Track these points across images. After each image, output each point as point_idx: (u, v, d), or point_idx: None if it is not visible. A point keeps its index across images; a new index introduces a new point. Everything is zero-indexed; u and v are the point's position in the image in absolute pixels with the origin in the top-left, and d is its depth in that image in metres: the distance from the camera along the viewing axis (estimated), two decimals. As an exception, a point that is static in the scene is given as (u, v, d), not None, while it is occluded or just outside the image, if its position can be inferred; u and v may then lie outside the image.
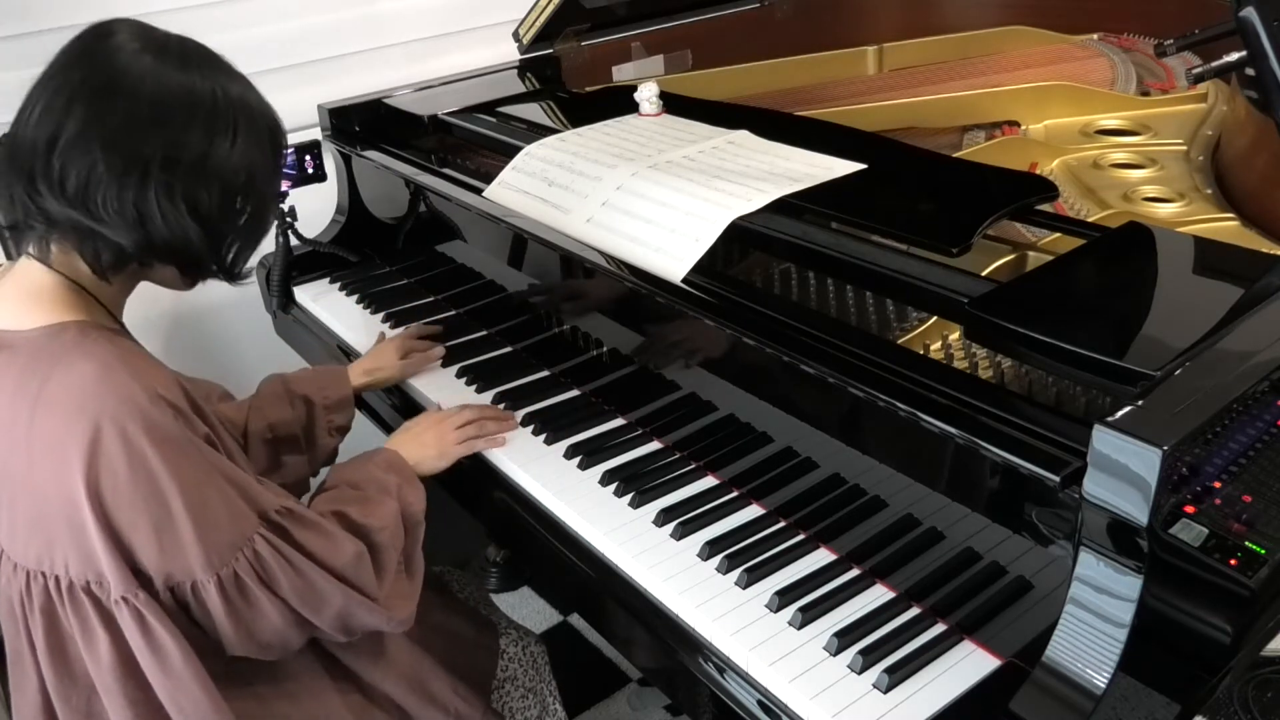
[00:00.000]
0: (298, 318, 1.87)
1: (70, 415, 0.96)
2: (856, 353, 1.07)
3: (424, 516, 1.23)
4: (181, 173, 1.00)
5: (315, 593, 1.06)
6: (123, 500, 0.97)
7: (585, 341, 1.47)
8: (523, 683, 1.40)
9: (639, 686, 2.03)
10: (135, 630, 1.01)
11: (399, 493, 1.21)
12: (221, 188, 1.03)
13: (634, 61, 2.12)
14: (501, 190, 1.53)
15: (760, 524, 1.19)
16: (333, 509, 1.14)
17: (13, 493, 1.02)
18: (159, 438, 0.97)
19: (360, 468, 1.25)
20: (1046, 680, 0.88)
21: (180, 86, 1.00)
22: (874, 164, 1.36)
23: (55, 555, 1.01)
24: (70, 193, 0.98)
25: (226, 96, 1.02)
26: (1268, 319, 0.97)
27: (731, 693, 1.02)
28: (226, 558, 1.01)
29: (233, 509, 1.02)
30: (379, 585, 1.11)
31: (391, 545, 1.15)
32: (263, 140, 1.06)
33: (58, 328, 1.01)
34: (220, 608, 1.02)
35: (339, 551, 1.08)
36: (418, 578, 1.19)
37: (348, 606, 1.08)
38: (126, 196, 0.98)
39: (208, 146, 1.01)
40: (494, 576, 2.35)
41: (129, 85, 0.98)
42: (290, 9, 2.21)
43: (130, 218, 0.99)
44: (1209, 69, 1.23)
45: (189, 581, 1.01)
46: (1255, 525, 0.84)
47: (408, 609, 1.15)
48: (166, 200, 1.00)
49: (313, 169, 1.77)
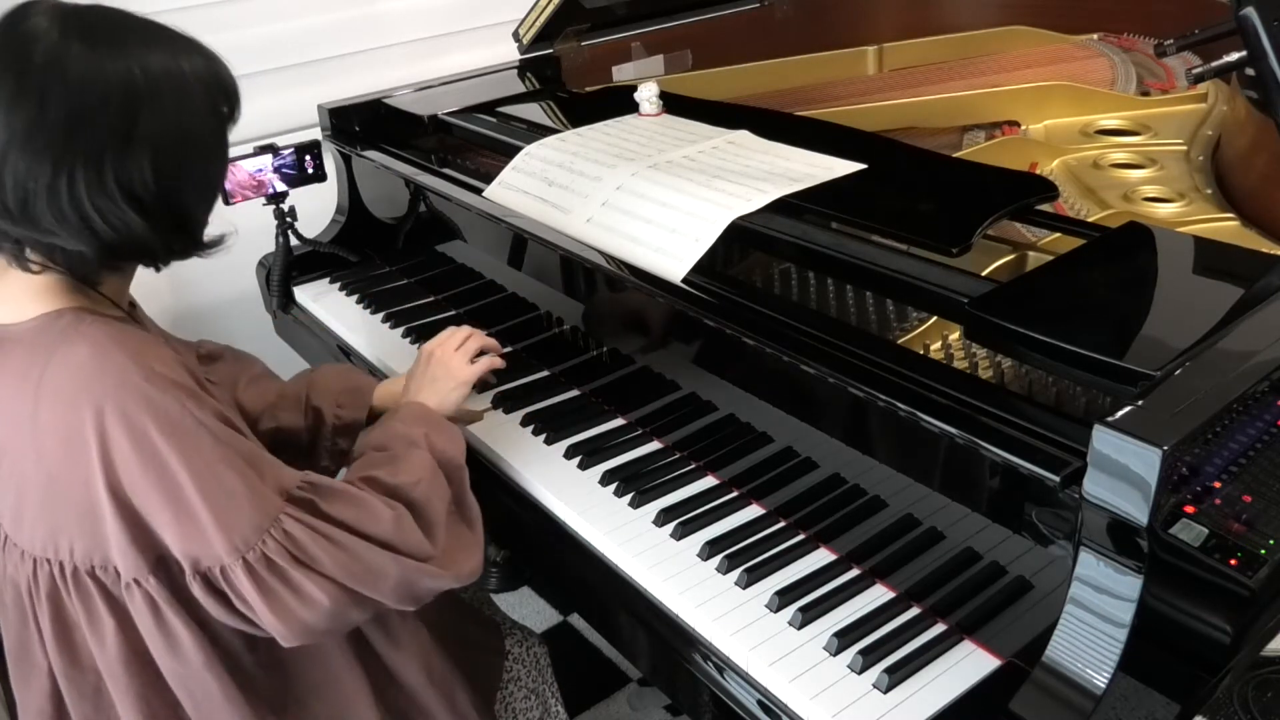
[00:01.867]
0: (298, 318, 1.86)
1: (73, 403, 0.95)
2: (856, 353, 1.07)
3: (464, 459, 1.17)
4: (108, 163, 0.94)
5: (364, 565, 1.00)
6: (138, 486, 0.95)
7: (585, 341, 1.47)
8: (525, 683, 1.40)
9: (639, 686, 2.03)
10: (147, 615, 1.00)
11: (428, 442, 1.15)
12: (153, 166, 0.97)
13: (634, 61, 2.12)
14: (501, 190, 1.53)
15: (760, 524, 1.19)
16: (360, 476, 1.09)
17: (21, 481, 1.01)
18: (161, 418, 0.95)
19: (383, 429, 1.20)
20: (1046, 680, 0.88)
21: (89, 72, 0.93)
22: (874, 164, 1.36)
23: (61, 541, 1.01)
24: (13, 209, 0.94)
25: (144, 69, 0.95)
26: (1268, 319, 0.97)
27: (731, 692, 1.02)
28: (251, 540, 0.97)
29: (251, 488, 0.98)
30: (431, 543, 1.06)
31: (434, 497, 1.09)
32: (193, 101, 0.99)
33: (54, 314, 1.00)
34: (253, 592, 0.97)
35: (375, 518, 1.03)
36: (477, 524, 1.14)
37: (405, 574, 1.03)
38: (63, 202, 0.94)
39: (127, 129, 0.95)
40: (494, 576, 2.34)
41: (38, 84, 0.92)
42: (290, 9, 2.21)
43: (73, 223, 0.95)
44: (1209, 69, 1.23)
45: (217, 567, 0.97)
46: (1255, 525, 0.84)
47: (472, 560, 1.10)
48: (100, 197, 0.95)
49: (313, 169, 1.77)
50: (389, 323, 1.73)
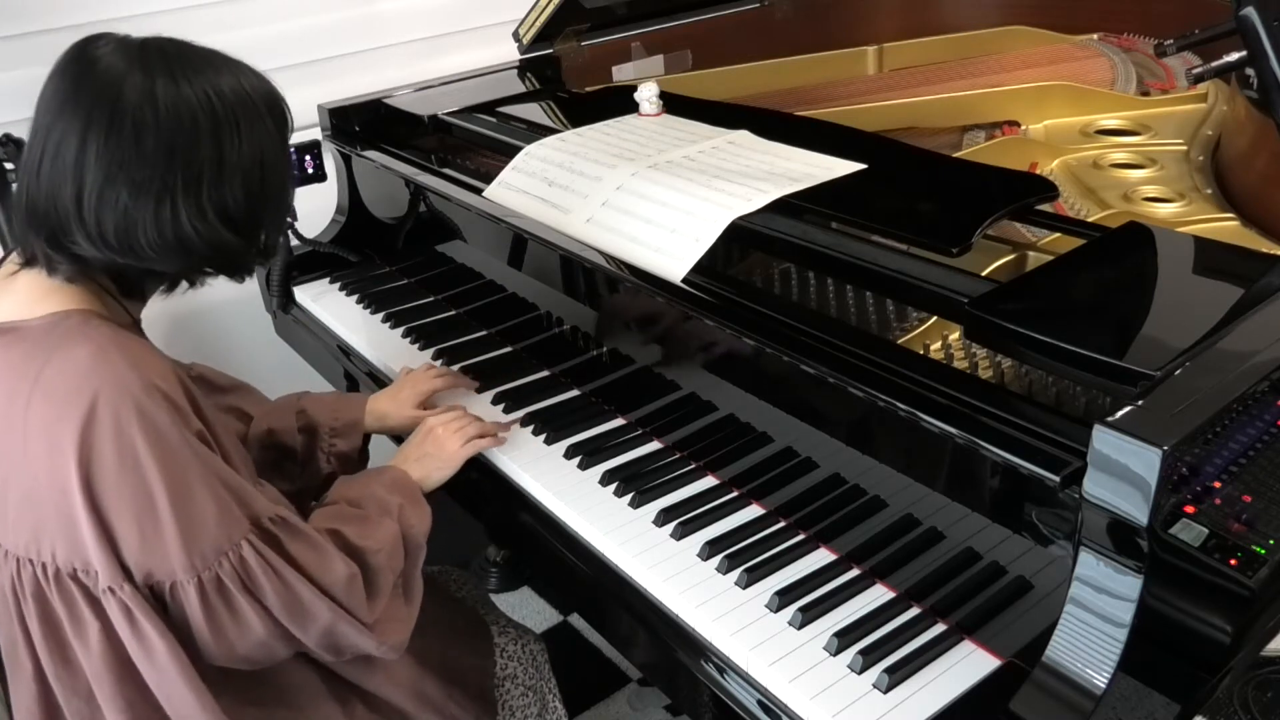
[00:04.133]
0: (298, 318, 1.86)
1: (65, 398, 0.96)
2: (856, 353, 1.07)
3: (426, 540, 1.20)
4: (205, 189, 1.00)
5: (301, 607, 1.04)
6: (109, 488, 0.96)
7: (585, 341, 1.47)
8: (523, 681, 1.40)
9: (639, 686, 2.03)
10: (123, 622, 1.01)
11: (400, 514, 1.18)
12: (244, 186, 1.03)
13: (634, 61, 2.11)
14: (501, 190, 1.53)
15: (760, 524, 1.19)
16: (329, 526, 1.11)
17: (6, 477, 1.02)
18: (149, 428, 0.96)
19: (363, 485, 1.22)
20: (1046, 680, 0.88)
21: (178, 103, 0.99)
22: (874, 164, 1.36)
23: (44, 542, 1.01)
24: (113, 241, 0.99)
25: (220, 95, 1.01)
26: (1268, 319, 0.97)
27: (731, 693, 1.02)
28: (210, 560, 1.00)
29: (223, 510, 1.01)
30: (370, 609, 1.09)
31: (387, 568, 1.12)
32: (264, 120, 1.05)
33: (62, 315, 1.01)
34: (199, 612, 1.00)
35: (329, 570, 1.06)
36: (415, 603, 1.17)
37: (335, 625, 1.06)
38: (165, 230, 0.99)
39: (219, 154, 1.01)
40: (494, 576, 2.35)
41: (133, 121, 0.97)
42: (290, 9, 2.21)
43: (172, 246, 1.01)
44: (1209, 69, 1.23)
45: (169, 581, 1.00)
46: (1255, 525, 0.84)
47: (401, 634, 1.13)
48: (199, 221, 1.01)
49: (313, 169, 1.77)
50: (389, 323, 1.73)
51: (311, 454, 1.38)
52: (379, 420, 1.41)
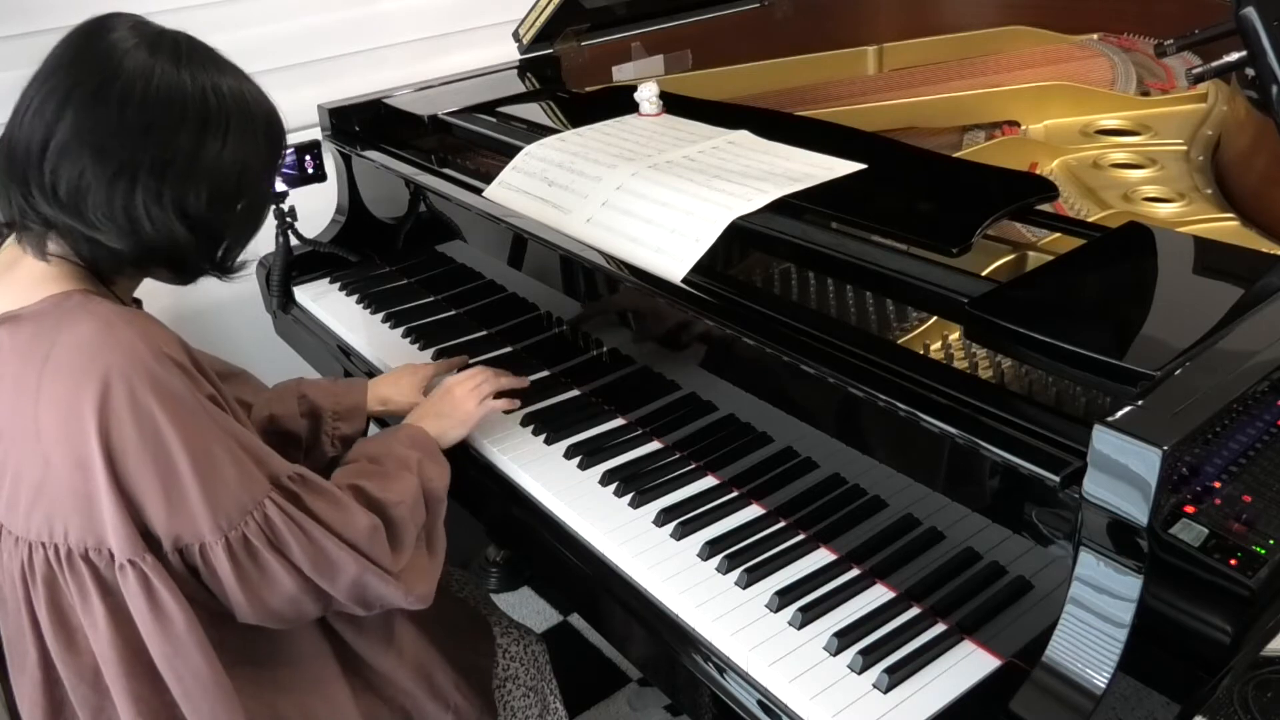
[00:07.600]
0: (298, 318, 1.87)
1: (78, 375, 0.96)
2: (856, 353, 1.07)
3: (447, 492, 1.22)
4: (170, 176, 0.99)
5: (328, 560, 1.05)
6: (131, 459, 0.96)
7: (585, 341, 1.47)
8: (524, 681, 1.40)
9: (639, 686, 2.03)
10: (140, 595, 1.00)
11: (419, 468, 1.19)
12: (210, 189, 1.02)
13: (634, 61, 2.11)
14: (501, 190, 1.53)
15: (760, 524, 1.19)
16: (350, 482, 1.13)
17: (18, 464, 1.02)
18: (165, 395, 0.97)
19: (381, 442, 1.24)
20: (1046, 680, 0.88)
21: (172, 86, 0.99)
22: (874, 164, 1.36)
23: (56, 524, 1.01)
24: (62, 198, 0.98)
25: (218, 94, 1.01)
26: (1268, 319, 0.97)
27: (731, 692, 1.02)
28: (235, 520, 1.00)
29: (243, 471, 1.01)
30: (395, 559, 1.10)
31: (409, 520, 1.14)
32: (256, 136, 1.05)
33: (62, 296, 1.01)
34: (230, 572, 1.01)
35: (352, 523, 1.07)
36: (439, 556, 1.18)
37: (362, 576, 1.07)
38: (116, 202, 0.98)
39: (197, 148, 1.00)
40: (494, 576, 2.35)
41: (120, 89, 0.97)
42: (290, 9, 2.21)
43: (121, 223, 0.99)
44: (1209, 69, 1.23)
45: (197, 544, 1.00)
46: (1255, 525, 0.84)
47: (426, 585, 1.14)
48: (155, 205, 0.99)
49: (313, 169, 1.77)
50: (389, 323, 1.73)
51: (316, 438, 1.39)
52: (381, 404, 1.44)
